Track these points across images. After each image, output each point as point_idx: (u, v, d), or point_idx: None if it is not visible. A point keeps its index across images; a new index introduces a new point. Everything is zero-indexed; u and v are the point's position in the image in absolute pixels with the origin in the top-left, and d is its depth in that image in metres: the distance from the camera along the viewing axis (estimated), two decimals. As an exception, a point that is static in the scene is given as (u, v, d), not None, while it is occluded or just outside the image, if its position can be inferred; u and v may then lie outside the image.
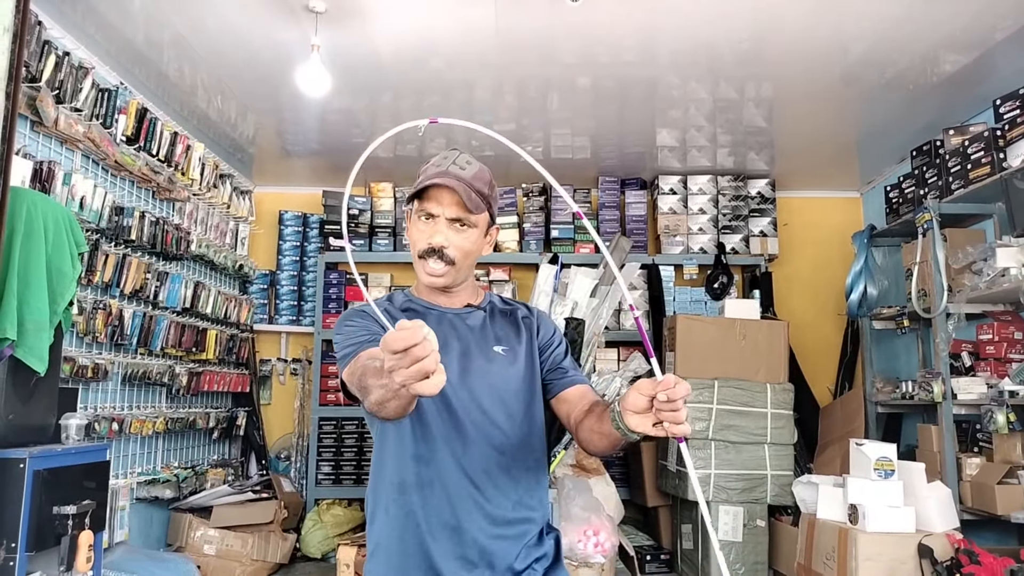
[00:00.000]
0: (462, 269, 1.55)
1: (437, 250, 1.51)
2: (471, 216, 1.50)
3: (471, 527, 1.44)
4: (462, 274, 1.56)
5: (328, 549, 4.37)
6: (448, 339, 1.55)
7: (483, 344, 1.56)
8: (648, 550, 4.25)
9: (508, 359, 1.56)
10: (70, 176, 3.05)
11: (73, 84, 3.08)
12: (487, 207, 1.54)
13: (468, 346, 1.55)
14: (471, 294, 1.64)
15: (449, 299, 1.62)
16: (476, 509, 1.44)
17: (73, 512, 2.31)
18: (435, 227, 1.51)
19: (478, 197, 1.50)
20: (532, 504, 1.52)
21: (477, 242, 1.55)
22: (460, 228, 1.51)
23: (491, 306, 1.64)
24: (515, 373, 1.55)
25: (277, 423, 5.12)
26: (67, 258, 2.47)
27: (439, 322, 1.59)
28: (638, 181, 5.13)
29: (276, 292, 5.15)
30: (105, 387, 3.46)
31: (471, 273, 1.63)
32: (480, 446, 1.47)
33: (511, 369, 1.55)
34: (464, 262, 1.54)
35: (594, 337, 3.54)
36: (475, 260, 1.59)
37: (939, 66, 3.40)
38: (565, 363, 1.60)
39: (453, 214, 1.50)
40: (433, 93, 3.78)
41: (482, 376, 1.52)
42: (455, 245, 1.51)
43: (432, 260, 1.53)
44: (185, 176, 4.04)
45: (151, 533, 3.92)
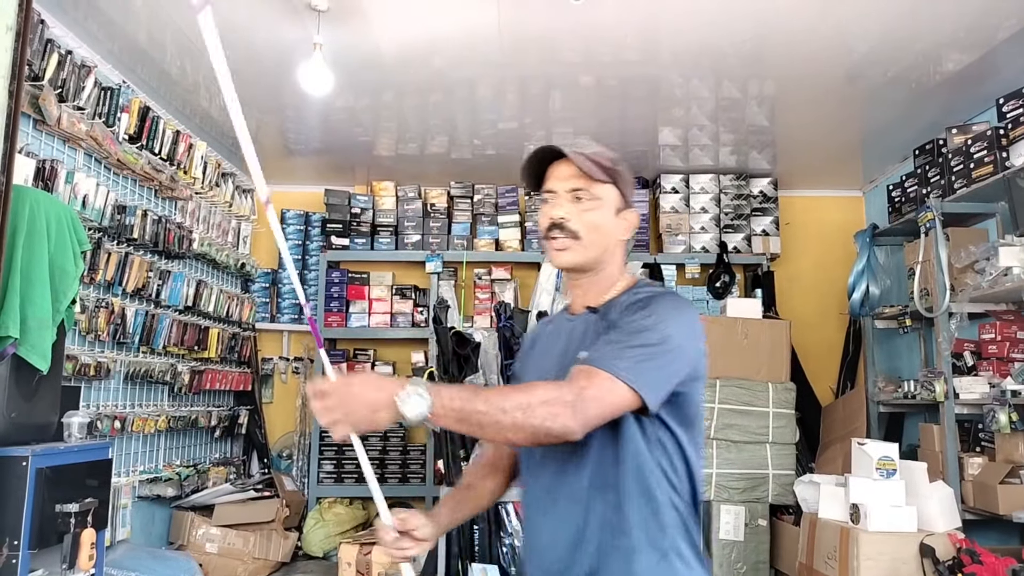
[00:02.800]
0: (591, 247, 1.42)
1: (558, 223, 1.41)
2: (593, 187, 1.41)
3: None
4: (592, 253, 1.42)
5: (330, 548, 4.38)
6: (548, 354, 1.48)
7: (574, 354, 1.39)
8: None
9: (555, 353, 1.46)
10: (72, 174, 3.05)
11: (76, 83, 3.08)
12: (612, 181, 1.43)
13: (564, 358, 1.41)
14: (602, 290, 1.46)
15: (581, 296, 1.49)
16: None
17: (75, 510, 2.31)
18: (556, 201, 1.43)
19: (597, 167, 1.41)
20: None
21: (606, 218, 1.42)
22: (582, 200, 1.41)
23: (612, 305, 1.43)
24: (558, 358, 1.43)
25: (279, 421, 5.12)
26: (70, 256, 2.47)
27: (554, 335, 1.51)
28: (640, 180, 5.12)
29: (278, 291, 5.16)
30: (107, 385, 3.46)
31: (608, 259, 1.45)
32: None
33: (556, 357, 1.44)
34: (592, 237, 1.41)
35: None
36: (610, 242, 1.44)
37: (942, 65, 3.40)
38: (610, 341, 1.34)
39: (572, 185, 1.41)
40: (435, 91, 3.77)
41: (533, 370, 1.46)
42: (578, 217, 1.41)
43: (555, 234, 1.42)
44: (187, 175, 4.05)
45: (153, 531, 3.93)
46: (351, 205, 5.02)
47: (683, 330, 1.35)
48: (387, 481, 4.78)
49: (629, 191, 1.47)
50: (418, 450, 4.82)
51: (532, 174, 1.48)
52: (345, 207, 5.01)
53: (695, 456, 1.38)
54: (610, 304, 1.43)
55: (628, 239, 1.50)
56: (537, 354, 1.56)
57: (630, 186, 1.48)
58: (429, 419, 1.19)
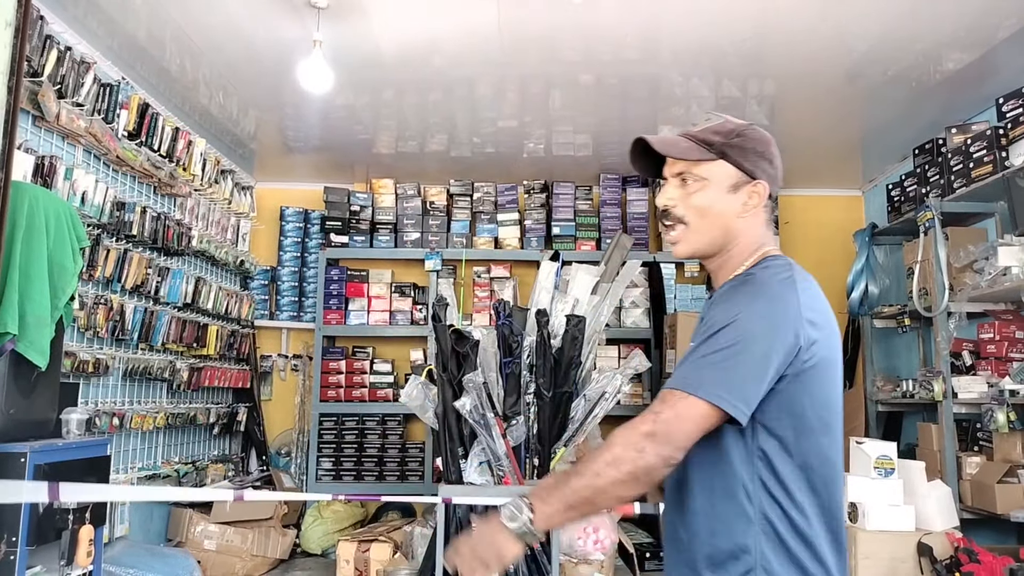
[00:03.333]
0: (702, 230, 1.34)
1: (665, 211, 1.36)
2: (697, 167, 1.33)
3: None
4: (705, 237, 1.35)
5: (328, 545, 4.38)
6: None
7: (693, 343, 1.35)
8: (647, 547, 4.25)
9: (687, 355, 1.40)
10: (71, 171, 3.04)
11: (75, 79, 3.07)
12: (720, 155, 1.33)
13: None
14: (730, 271, 1.37)
15: (715, 279, 1.42)
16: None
17: (74, 507, 2.31)
18: (664, 187, 1.38)
19: (699, 145, 1.33)
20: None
21: (716, 198, 1.33)
22: (686, 184, 1.34)
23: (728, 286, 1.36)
24: None
25: (277, 419, 5.12)
26: (68, 253, 2.47)
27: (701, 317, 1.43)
28: (640, 178, 5.13)
29: (277, 288, 5.15)
30: (106, 382, 3.46)
31: (732, 239, 1.36)
32: None
33: None
34: (702, 222, 1.34)
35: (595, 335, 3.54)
36: (727, 221, 1.34)
37: (942, 64, 3.40)
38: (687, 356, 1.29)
39: (676, 169, 1.35)
40: (435, 90, 3.77)
41: None
42: (682, 202, 1.34)
43: (666, 221, 1.37)
44: (186, 172, 4.04)
45: (151, 528, 3.93)
46: (350, 203, 5.02)
47: (765, 322, 1.23)
48: (386, 479, 4.79)
49: (751, 161, 1.34)
50: (417, 448, 4.83)
51: (651, 161, 1.40)
52: (344, 205, 5.00)
53: (820, 461, 1.25)
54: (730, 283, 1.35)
55: (759, 211, 1.37)
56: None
57: (753, 155, 1.35)
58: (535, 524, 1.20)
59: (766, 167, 1.36)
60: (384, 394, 4.88)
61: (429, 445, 4.75)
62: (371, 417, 4.85)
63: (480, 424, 3.01)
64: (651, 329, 4.87)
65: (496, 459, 3.05)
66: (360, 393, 4.87)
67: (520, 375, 3.23)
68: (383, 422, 4.85)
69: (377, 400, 4.86)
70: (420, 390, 3.25)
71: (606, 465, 1.18)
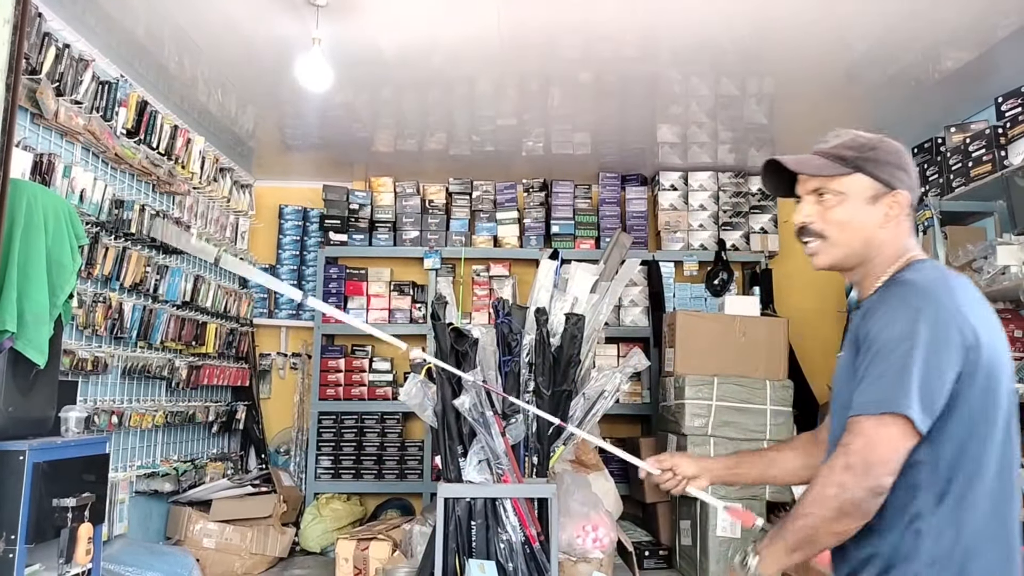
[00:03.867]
0: (842, 243, 1.37)
1: (803, 228, 1.41)
2: (830, 182, 1.36)
3: None
4: (844, 250, 1.38)
5: (327, 543, 4.38)
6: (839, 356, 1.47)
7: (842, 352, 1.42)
8: (647, 546, 4.26)
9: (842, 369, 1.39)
10: (70, 169, 3.04)
11: (73, 76, 3.07)
12: (856, 168, 1.35)
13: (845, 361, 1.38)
14: (875, 281, 1.38)
15: (858, 291, 1.45)
16: None
17: (73, 505, 2.31)
18: (800, 204, 1.41)
19: (832, 161, 1.36)
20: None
21: (854, 211, 1.36)
22: (823, 199, 1.38)
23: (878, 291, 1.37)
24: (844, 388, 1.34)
25: (276, 417, 5.12)
26: (67, 251, 2.47)
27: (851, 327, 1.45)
28: (639, 177, 5.13)
29: (276, 286, 5.15)
30: (105, 380, 3.46)
31: (873, 251, 1.37)
32: None
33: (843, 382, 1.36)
34: (841, 236, 1.37)
35: (594, 333, 3.54)
36: (867, 234, 1.36)
37: (941, 63, 3.40)
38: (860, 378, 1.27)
39: (812, 185, 1.39)
40: (435, 88, 3.77)
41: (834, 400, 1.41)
42: (820, 217, 1.38)
43: (804, 238, 1.41)
44: (185, 169, 4.04)
45: (150, 526, 3.93)
46: (349, 201, 5.01)
47: (931, 324, 1.21)
48: (384, 477, 4.79)
49: (887, 172, 1.36)
50: (416, 446, 4.83)
51: (782, 181, 1.44)
52: (343, 203, 5.00)
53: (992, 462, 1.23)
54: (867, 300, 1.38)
55: (901, 220, 1.37)
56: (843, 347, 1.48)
57: (889, 167, 1.36)
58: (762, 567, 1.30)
59: (903, 177, 1.37)
60: (383, 392, 4.87)
61: (428, 443, 4.75)
62: (370, 415, 4.85)
63: (479, 422, 3.01)
64: (650, 328, 4.87)
65: (495, 457, 3.05)
66: (359, 391, 4.87)
67: (519, 373, 3.23)
68: (382, 420, 4.85)
69: (376, 398, 4.86)
70: (419, 388, 3.25)
71: (811, 504, 1.23)
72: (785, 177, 1.43)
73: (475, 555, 3.01)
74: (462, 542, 3.02)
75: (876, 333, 1.25)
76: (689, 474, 1.69)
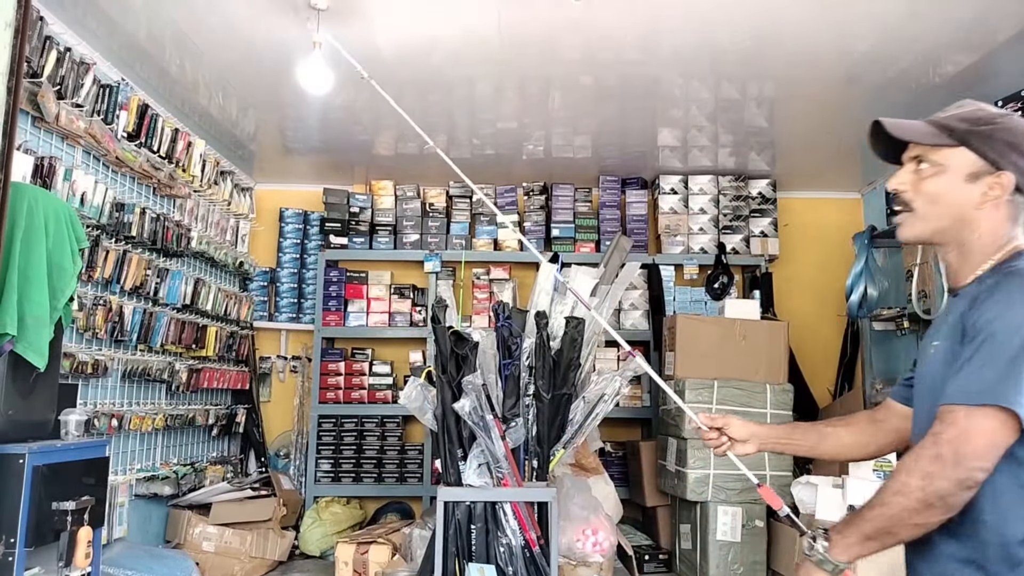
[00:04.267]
0: (930, 218, 1.31)
1: (895, 194, 1.36)
2: (934, 152, 1.30)
3: None
4: (931, 225, 1.32)
5: (327, 547, 4.37)
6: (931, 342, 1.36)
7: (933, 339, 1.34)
8: (646, 550, 4.25)
9: (938, 357, 1.30)
10: (71, 172, 3.04)
11: (74, 80, 3.07)
12: (961, 141, 1.28)
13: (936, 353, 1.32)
14: (973, 268, 1.30)
15: (950, 275, 1.36)
16: None
17: (72, 508, 2.31)
18: (899, 171, 1.37)
19: (938, 130, 1.30)
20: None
21: (949, 186, 1.29)
22: (921, 168, 1.32)
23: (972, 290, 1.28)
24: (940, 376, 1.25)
25: (276, 420, 5.12)
26: (67, 254, 2.47)
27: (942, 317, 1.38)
28: (639, 180, 5.13)
29: (276, 289, 5.15)
30: (105, 383, 3.46)
31: (966, 232, 1.30)
32: None
33: (938, 371, 1.27)
34: (930, 209, 1.31)
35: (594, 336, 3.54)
36: (961, 211, 1.29)
37: (941, 66, 3.40)
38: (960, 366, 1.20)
39: (911, 154, 1.34)
40: (435, 90, 3.77)
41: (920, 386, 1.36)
42: (913, 187, 1.32)
43: (895, 205, 1.37)
44: (186, 173, 4.04)
45: (150, 530, 3.92)
46: (350, 204, 5.02)
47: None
48: (384, 481, 4.78)
49: (997, 151, 1.27)
50: (416, 449, 4.82)
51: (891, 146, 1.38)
52: (344, 206, 5.00)
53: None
54: (975, 287, 1.28)
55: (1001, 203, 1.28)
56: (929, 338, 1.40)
57: (1001, 144, 1.28)
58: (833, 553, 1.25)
59: (1016, 159, 1.28)
60: (383, 396, 4.87)
61: (428, 447, 4.74)
62: (370, 419, 4.85)
63: (479, 426, 3.01)
64: (650, 331, 4.87)
65: (495, 461, 3.05)
66: (359, 395, 4.87)
67: (519, 377, 3.22)
68: (382, 424, 4.84)
69: (376, 402, 4.86)
70: (419, 392, 3.25)
71: (894, 494, 1.18)
72: (893, 143, 1.36)
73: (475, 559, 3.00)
74: (462, 546, 3.02)
75: (986, 322, 1.17)
76: (738, 437, 1.66)
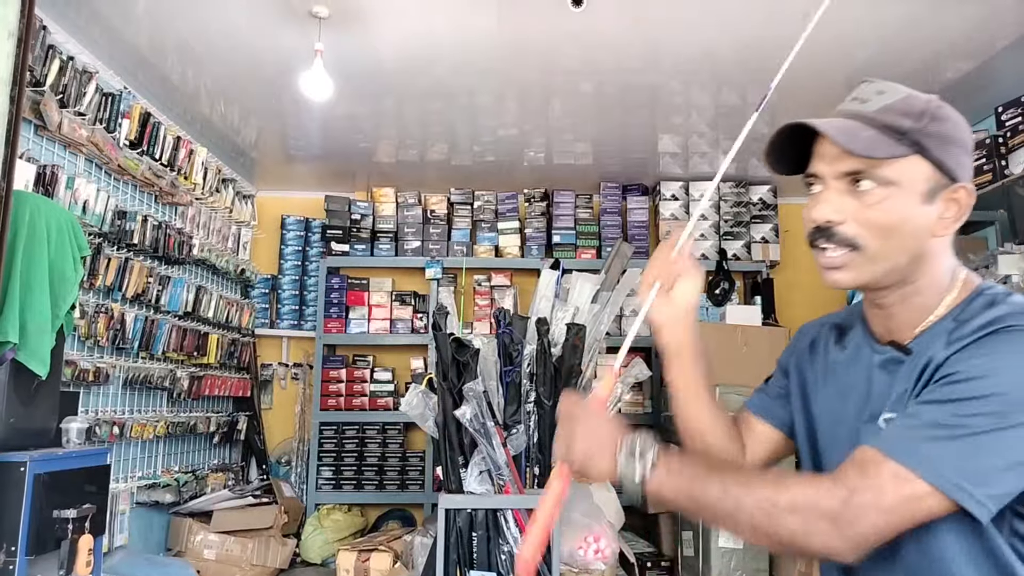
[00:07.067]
0: (882, 257, 0.96)
1: (823, 228, 0.98)
2: (878, 167, 0.94)
3: None
4: (883, 266, 0.97)
5: (328, 554, 4.36)
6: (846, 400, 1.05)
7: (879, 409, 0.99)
8: (649, 557, 4.23)
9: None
10: (73, 180, 3.05)
11: (77, 88, 3.08)
12: (914, 146, 0.95)
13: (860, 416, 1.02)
14: (917, 315, 0.99)
15: (884, 320, 1.03)
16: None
17: (73, 516, 2.30)
18: (821, 193, 1.00)
19: (886, 133, 0.95)
20: None
21: (905, 210, 0.95)
22: (860, 189, 0.96)
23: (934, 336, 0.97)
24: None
25: (278, 428, 5.11)
26: (69, 262, 2.47)
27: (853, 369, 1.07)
28: (640, 187, 5.13)
29: (278, 296, 5.15)
30: (106, 391, 3.46)
31: (920, 269, 0.98)
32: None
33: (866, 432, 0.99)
34: (882, 245, 0.95)
35: (595, 343, 3.54)
36: (918, 244, 0.96)
37: (941, 73, 3.41)
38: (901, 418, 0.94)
39: (845, 168, 0.96)
40: (436, 98, 3.78)
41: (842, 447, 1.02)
42: (855, 217, 0.96)
43: (821, 243, 0.99)
44: (188, 180, 4.05)
45: (151, 537, 3.92)
46: (351, 211, 5.02)
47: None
48: (385, 488, 4.77)
49: (953, 157, 0.96)
50: (417, 456, 4.81)
51: (790, 151, 1.06)
52: (345, 213, 5.01)
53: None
54: (930, 336, 0.97)
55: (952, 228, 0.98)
56: (832, 392, 1.10)
57: (955, 148, 0.97)
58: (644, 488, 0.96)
59: (967, 164, 0.98)
60: (384, 403, 4.87)
61: (429, 454, 4.73)
62: (371, 426, 4.84)
63: (480, 433, 3.01)
64: (652, 338, 4.86)
65: (496, 468, 3.04)
66: (360, 402, 4.86)
67: (520, 384, 3.22)
68: (383, 431, 4.84)
69: (377, 409, 4.86)
70: (420, 399, 3.24)
71: (759, 509, 0.90)
72: (793, 149, 1.05)
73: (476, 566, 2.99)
74: (463, 553, 3.01)
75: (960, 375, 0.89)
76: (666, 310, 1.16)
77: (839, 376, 1.09)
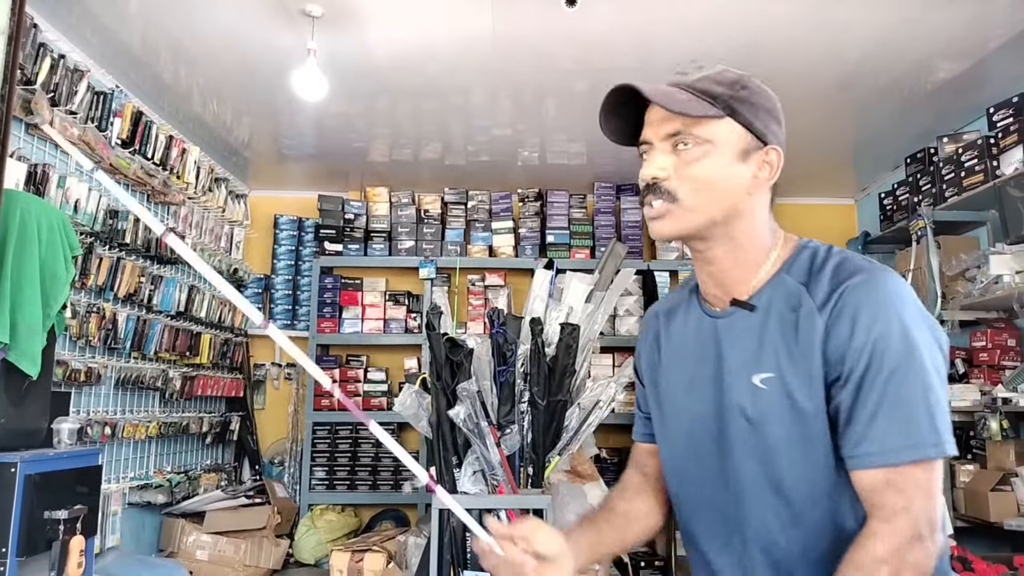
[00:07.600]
0: (699, 208, 1.05)
1: (651, 185, 1.07)
2: (698, 126, 1.04)
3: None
4: (701, 217, 1.05)
5: (321, 555, 4.35)
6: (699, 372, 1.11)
7: (743, 372, 1.05)
8: (642, 557, 4.24)
9: (773, 394, 1.03)
10: (64, 179, 3.04)
11: (68, 87, 3.07)
12: (728, 111, 1.05)
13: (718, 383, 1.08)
14: (747, 270, 1.08)
15: (718, 277, 1.10)
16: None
17: (65, 517, 2.29)
18: (649, 154, 1.09)
19: (701, 98, 1.05)
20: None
21: (720, 166, 1.04)
22: (683, 148, 1.05)
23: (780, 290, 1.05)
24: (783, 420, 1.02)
25: (271, 428, 5.10)
26: (61, 261, 2.46)
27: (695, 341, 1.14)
28: (634, 187, 5.14)
29: (271, 296, 5.14)
30: (98, 391, 3.44)
31: (740, 222, 1.07)
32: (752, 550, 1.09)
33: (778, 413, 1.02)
34: (699, 198, 1.04)
35: (589, 343, 3.54)
36: (733, 198, 1.06)
37: (933, 74, 3.42)
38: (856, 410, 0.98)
39: (668, 130, 1.07)
40: (429, 98, 3.78)
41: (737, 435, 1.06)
42: (676, 173, 1.05)
43: (648, 198, 1.07)
44: (180, 180, 4.03)
45: (143, 538, 3.90)
46: (345, 211, 5.01)
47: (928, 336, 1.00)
48: (379, 488, 4.77)
49: (762, 121, 1.07)
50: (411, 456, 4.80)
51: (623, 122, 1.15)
52: (339, 213, 5.00)
53: None
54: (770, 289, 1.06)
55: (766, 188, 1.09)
56: (680, 370, 1.17)
57: (764, 114, 1.08)
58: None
59: (777, 130, 1.09)
60: (378, 403, 4.86)
61: (423, 454, 4.73)
62: (365, 426, 4.83)
63: (474, 433, 3.01)
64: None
65: (490, 468, 3.04)
66: (354, 402, 4.85)
67: (514, 384, 3.22)
68: (377, 431, 4.83)
69: (371, 409, 4.85)
70: (414, 399, 3.24)
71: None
72: (632, 118, 1.13)
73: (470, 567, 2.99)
74: (457, 553, 3.01)
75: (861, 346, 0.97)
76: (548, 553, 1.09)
77: (688, 348, 1.16)
